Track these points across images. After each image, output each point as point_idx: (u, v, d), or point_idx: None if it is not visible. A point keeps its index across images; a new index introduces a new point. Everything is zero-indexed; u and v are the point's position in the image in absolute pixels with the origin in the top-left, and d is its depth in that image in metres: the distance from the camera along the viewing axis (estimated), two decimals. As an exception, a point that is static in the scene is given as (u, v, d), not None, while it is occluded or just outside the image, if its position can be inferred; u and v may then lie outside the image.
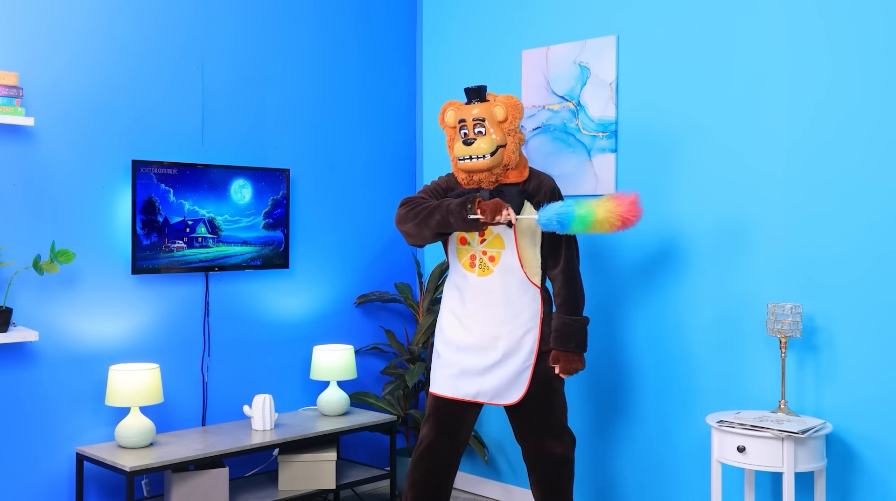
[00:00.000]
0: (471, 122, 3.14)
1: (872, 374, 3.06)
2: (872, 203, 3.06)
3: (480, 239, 3.19)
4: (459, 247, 3.24)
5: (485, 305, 3.17)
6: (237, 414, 3.89)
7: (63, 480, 3.37)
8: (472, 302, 3.20)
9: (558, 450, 3.19)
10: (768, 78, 3.31)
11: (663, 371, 3.62)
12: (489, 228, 3.13)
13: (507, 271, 3.16)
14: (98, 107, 3.46)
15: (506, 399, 3.16)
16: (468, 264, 3.21)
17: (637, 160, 3.70)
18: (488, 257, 3.18)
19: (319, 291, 4.22)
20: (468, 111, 3.16)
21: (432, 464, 3.23)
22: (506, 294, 3.15)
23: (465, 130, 3.15)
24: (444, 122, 3.26)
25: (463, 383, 3.18)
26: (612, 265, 3.79)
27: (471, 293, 3.20)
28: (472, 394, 3.17)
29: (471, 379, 3.17)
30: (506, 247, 3.15)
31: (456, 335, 3.22)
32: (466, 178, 3.18)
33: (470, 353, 3.18)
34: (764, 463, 2.91)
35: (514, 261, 3.15)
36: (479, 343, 3.17)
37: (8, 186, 3.24)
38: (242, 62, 3.92)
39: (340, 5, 4.31)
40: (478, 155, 3.11)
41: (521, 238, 3.15)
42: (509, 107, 3.14)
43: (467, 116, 3.15)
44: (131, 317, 3.57)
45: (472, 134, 3.13)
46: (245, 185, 3.83)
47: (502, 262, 3.16)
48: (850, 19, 3.11)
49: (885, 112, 3.03)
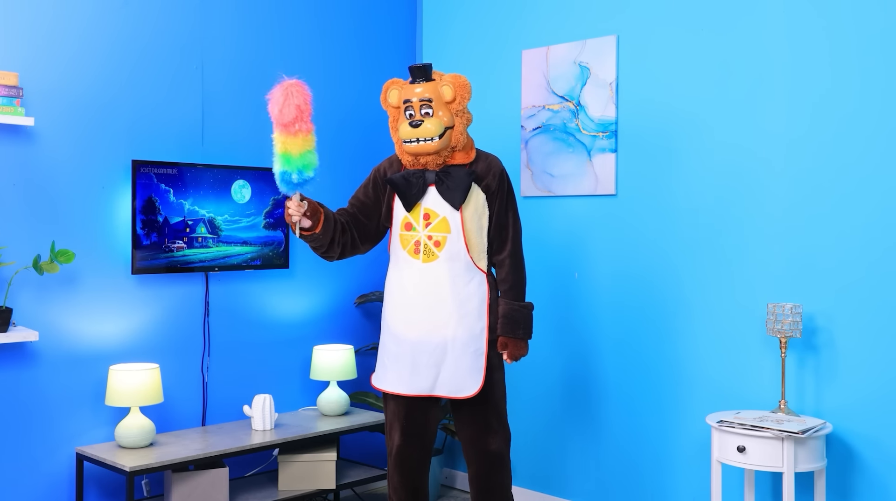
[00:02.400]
0: (417, 103, 2.98)
1: (872, 374, 3.06)
2: (873, 203, 3.06)
3: (425, 223, 3.02)
4: (404, 233, 3.07)
5: (431, 293, 3.00)
6: (237, 414, 3.89)
7: (63, 480, 3.37)
8: (417, 291, 3.02)
9: (493, 446, 3.04)
10: (768, 78, 3.31)
11: (663, 370, 3.62)
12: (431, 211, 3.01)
13: (454, 256, 2.99)
14: (98, 107, 3.47)
15: (464, 391, 2.98)
16: (413, 250, 3.03)
17: (637, 160, 3.70)
18: (434, 242, 3.02)
19: (319, 291, 4.22)
20: (413, 91, 2.99)
21: (406, 469, 3.10)
22: (453, 280, 2.99)
23: (410, 111, 2.99)
24: (387, 102, 3.08)
25: (417, 378, 3.00)
26: (612, 265, 3.79)
27: (416, 281, 3.02)
28: (426, 389, 3.00)
29: (425, 372, 3.00)
30: (451, 232, 2.99)
31: (403, 327, 3.04)
32: (412, 161, 3.02)
33: (420, 345, 3.00)
34: (764, 463, 2.91)
35: (461, 246, 2.99)
36: (429, 333, 2.99)
37: (8, 186, 3.24)
38: (242, 62, 3.92)
39: (340, 5, 4.31)
40: (425, 137, 2.95)
41: (468, 221, 3.00)
42: (457, 87, 2.99)
43: (412, 96, 2.98)
44: (131, 317, 3.57)
45: (419, 115, 2.97)
46: (245, 185, 3.83)
47: (448, 247, 2.99)
48: (849, 19, 3.11)
49: (884, 113, 3.03)
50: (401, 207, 3.07)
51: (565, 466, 3.94)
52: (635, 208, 3.71)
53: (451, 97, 2.99)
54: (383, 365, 3.11)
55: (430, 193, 3.03)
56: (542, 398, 4.04)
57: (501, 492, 3.08)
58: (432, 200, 3.02)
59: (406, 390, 3.02)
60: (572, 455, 3.93)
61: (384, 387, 3.08)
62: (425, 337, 3.00)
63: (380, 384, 3.10)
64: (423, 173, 3.03)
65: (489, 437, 3.04)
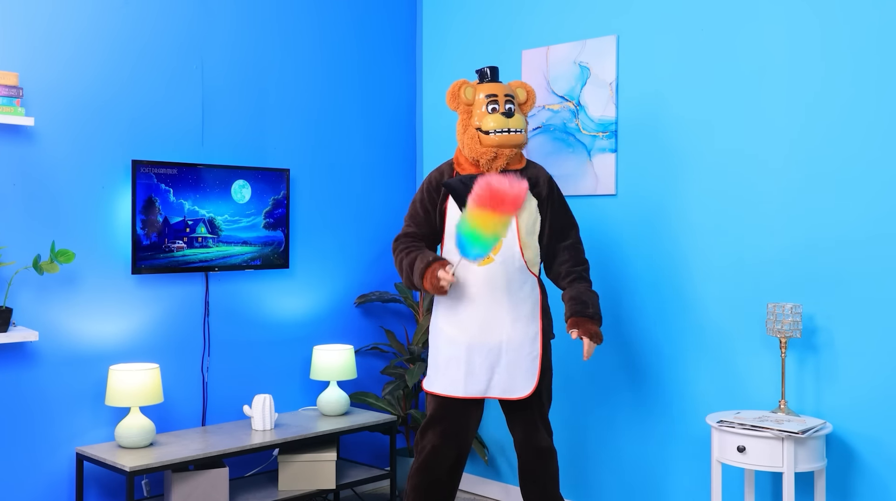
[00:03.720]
0: (503, 97, 3.08)
1: (872, 374, 3.06)
2: (872, 203, 3.06)
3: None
4: None
5: (486, 296, 3.06)
6: (237, 414, 3.89)
7: (63, 480, 3.37)
8: (473, 294, 3.08)
9: (544, 443, 3.16)
10: (768, 78, 3.31)
11: (663, 371, 3.62)
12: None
13: (509, 260, 3.06)
14: (98, 106, 3.47)
15: (518, 392, 3.06)
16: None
17: (637, 160, 3.70)
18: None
19: (319, 291, 4.22)
20: (498, 87, 3.10)
21: (438, 471, 3.13)
22: (508, 283, 3.06)
23: (495, 105, 3.06)
24: (461, 98, 3.13)
25: (472, 380, 3.07)
26: (613, 265, 3.79)
27: (471, 284, 3.08)
28: (481, 391, 3.08)
29: (480, 374, 3.07)
30: (507, 236, 3.05)
31: (457, 330, 3.10)
32: (492, 153, 3.06)
33: (475, 347, 3.07)
34: (764, 463, 2.91)
35: (516, 250, 3.06)
36: (484, 335, 3.06)
37: (8, 186, 3.24)
38: (242, 62, 3.92)
39: (340, 5, 4.31)
40: (516, 128, 3.05)
41: (523, 226, 3.07)
42: (530, 92, 3.18)
43: (497, 91, 3.09)
44: (131, 317, 3.57)
45: (504, 108, 3.07)
46: (245, 185, 3.83)
47: (503, 251, 3.06)
48: (846, 19, 3.11)
49: (884, 112, 3.03)
50: (455, 212, 3.10)
51: (565, 466, 3.94)
52: (635, 208, 3.71)
53: (524, 99, 3.15)
54: (436, 368, 3.15)
55: None
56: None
57: (554, 482, 3.20)
58: None
59: (462, 392, 3.07)
60: (572, 454, 3.93)
61: (438, 391, 3.12)
62: (480, 340, 3.07)
63: (433, 387, 3.14)
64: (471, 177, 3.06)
65: (538, 435, 3.15)
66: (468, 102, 3.12)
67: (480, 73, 3.17)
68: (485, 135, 3.05)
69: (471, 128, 3.10)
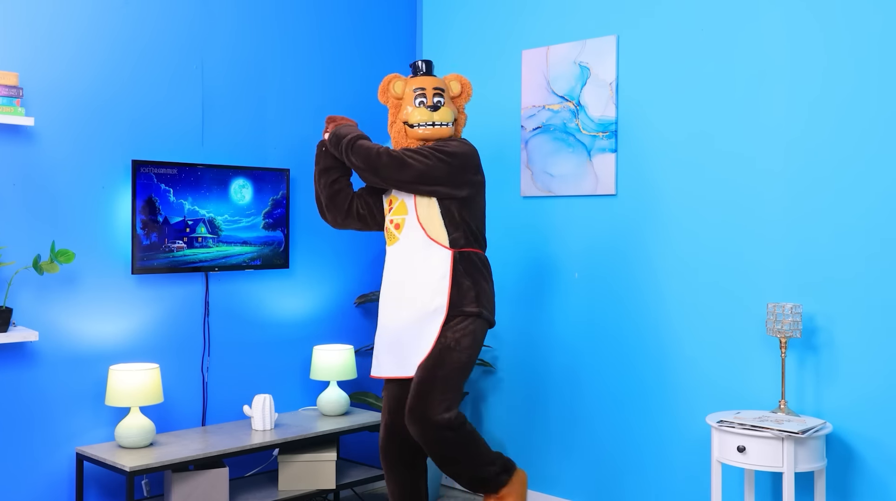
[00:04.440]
0: (431, 91, 3.12)
1: (872, 374, 3.06)
2: (872, 203, 3.06)
3: (389, 207, 3.21)
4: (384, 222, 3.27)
5: (396, 274, 3.16)
6: (237, 414, 3.89)
7: (63, 480, 3.37)
8: (389, 275, 3.19)
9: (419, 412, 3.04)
10: (768, 78, 3.31)
11: (663, 371, 3.62)
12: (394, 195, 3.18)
13: (411, 236, 3.13)
14: (98, 107, 3.47)
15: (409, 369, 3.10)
16: (386, 236, 3.24)
17: (637, 160, 3.70)
18: (394, 225, 3.18)
19: (319, 291, 4.22)
20: (427, 80, 3.16)
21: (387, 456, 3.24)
22: (410, 258, 3.13)
23: (422, 98, 3.12)
24: (389, 93, 3.19)
25: (384, 359, 3.17)
26: (612, 265, 3.79)
27: (388, 265, 3.21)
28: (392, 371, 3.14)
29: (389, 353, 3.15)
30: (408, 212, 3.14)
31: (380, 311, 3.22)
32: (417, 145, 3.15)
33: (387, 327, 3.16)
34: (764, 463, 2.91)
35: (416, 225, 3.11)
36: (393, 313, 3.14)
37: (8, 186, 3.24)
38: (242, 62, 3.92)
39: (340, 5, 4.31)
40: (442, 121, 3.11)
41: (420, 199, 3.11)
42: (464, 84, 3.23)
43: (427, 85, 3.14)
44: (131, 317, 3.57)
45: (432, 101, 3.12)
46: (245, 185, 3.83)
47: (406, 228, 3.14)
48: (845, 21, 3.11)
49: (883, 112, 3.03)
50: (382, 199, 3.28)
51: (565, 466, 3.94)
52: (635, 208, 3.71)
53: (458, 92, 3.20)
54: (376, 353, 3.26)
55: None
56: (542, 397, 4.04)
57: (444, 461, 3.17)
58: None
59: (386, 372, 3.17)
60: (572, 454, 3.93)
61: (372, 373, 3.24)
62: (393, 319, 3.15)
63: (375, 371, 3.24)
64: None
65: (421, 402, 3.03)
66: (397, 96, 3.17)
67: (413, 66, 3.20)
68: (411, 128, 3.13)
69: (398, 122, 3.18)
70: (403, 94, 3.16)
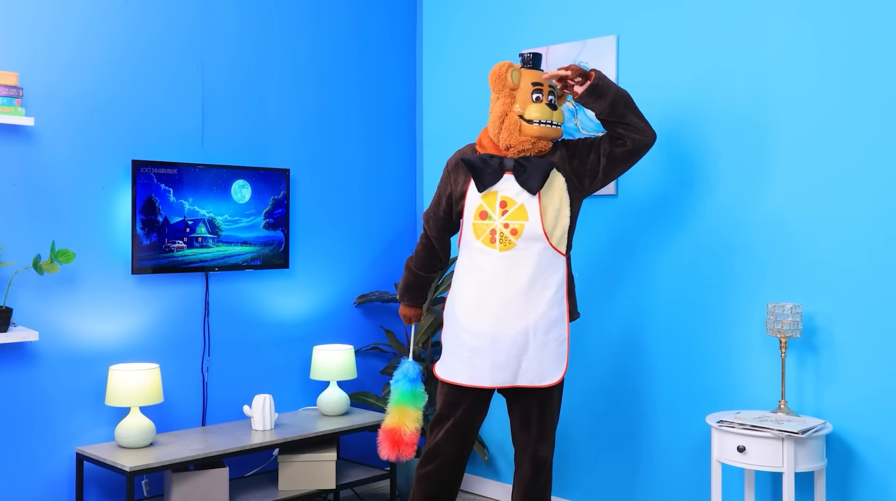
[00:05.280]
0: (547, 88, 3.02)
1: (872, 374, 3.06)
2: (872, 203, 3.06)
3: (502, 211, 2.97)
4: (478, 222, 3.02)
5: (510, 283, 2.95)
6: (237, 414, 3.89)
7: (63, 480, 3.37)
8: (494, 281, 2.97)
9: (542, 452, 3.05)
10: (767, 78, 3.31)
11: (663, 371, 3.62)
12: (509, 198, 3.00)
13: (531, 243, 2.96)
14: (98, 107, 3.47)
15: (547, 379, 2.96)
16: (488, 240, 2.99)
17: (637, 160, 3.70)
18: (510, 230, 2.98)
19: (319, 291, 4.22)
20: (541, 76, 3.03)
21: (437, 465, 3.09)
22: (531, 268, 2.95)
23: (539, 94, 2.99)
24: (508, 81, 3.01)
25: (498, 369, 2.95)
26: (612, 265, 3.79)
27: (490, 271, 2.98)
28: (509, 379, 2.97)
29: (506, 363, 2.96)
30: (529, 219, 2.96)
31: (480, 319, 2.98)
32: (531, 142, 3.00)
33: (501, 337, 2.95)
34: (764, 463, 2.91)
35: (539, 232, 2.95)
36: (510, 323, 2.95)
37: (8, 186, 3.24)
38: (242, 62, 3.92)
39: (340, 5, 4.31)
40: (559, 122, 3.01)
41: (547, 207, 2.96)
42: (563, 85, 3.07)
43: (543, 81, 3.03)
44: (131, 317, 3.57)
45: (547, 99, 3.01)
46: (245, 185, 3.83)
47: (525, 235, 2.96)
48: (845, 20, 3.11)
49: (883, 112, 3.03)
50: (474, 196, 3.03)
51: (565, 466, 3.94)
52: (635, 208, 3.71)
53: (561, 92, 3.08)
54: (458, 358, 3.03)
55: (506, 180, 3.00)
56: (542, 398, 4.04)
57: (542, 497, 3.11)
58: (510, 188, 2.99)
59: (489, 382, 2.97)
60: (572, 454, 3.93)
61: (462, 381, 3.01)
62: (506, 329, 2.95)
63: (455, 377, 3.02)
64: (501, 159, 3.01)
65: (539, 444, 3.05)
66: (513, 86, 3.02)
67: (524, 58, 3.06)
68: (527, 123, 2.98)
69: (513, 114, 3.00)
70: (520, 86, 3.02)
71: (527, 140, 2.99)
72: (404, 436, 3.13)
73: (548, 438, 3.07)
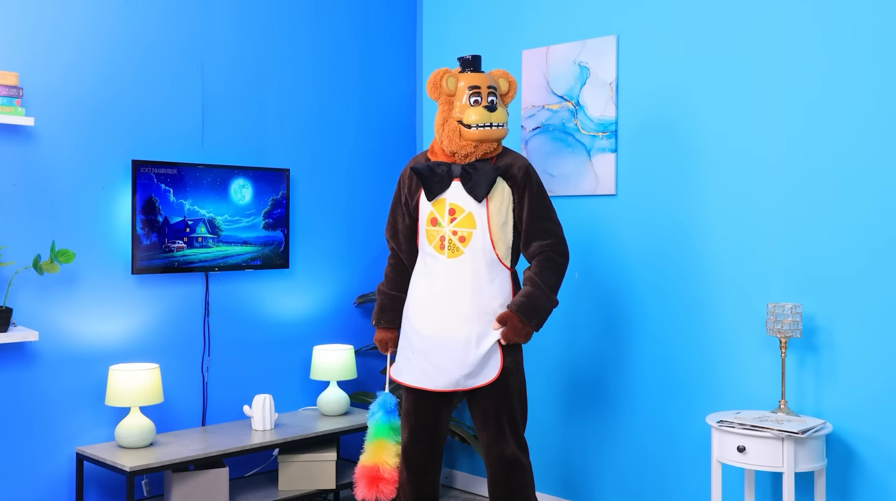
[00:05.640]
0: (486, 90, 3.00)
1: (872, 374, 3.06)
2: (872, 203, 3.06)
3: (451, 218, 3.01)
4: (430, 228, 3.06)
5: (455, 289, 2.99)
6: (237, 414, 3.89)
7: (63, 480, 3.37)
8: (441, 287, 3.01)
9: (509, 452, 3.02)
10: (768, 78, 3.31)
11: (663, 371, 3.62)
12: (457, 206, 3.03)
13: (479, 252, 2.99)
14: (98, 107, 3.47)
15: (481, 379, 2.98)
16: (438, 246, 3.03)
17: (637, 160, 3.70)
18: (458, 237, 3.00)
19: (319, 291, 4.22)
20: (480, 78, 3.02)
21: (412, 468, 3.12)
22: (476, 276, 2.99)
23: (477, 97, 2.99)
24: (443, 88, 3.03)
25: (439, 374, 2.99)
26: (612, 265, 3.79)
27: (441, 277, 3.01)
28: (450, 384, 2.99)
29: (448, 368, 2.98)
30: (477, 227, 2.99)
31: (427, 323, 3.03)
32: (472, 147, 3.00)
33: (444, 341, 2.99)
34: (764, 463, 2.91)
35: (486, 242, 2.99)
36: (453, 329, 2.98)
37: (8, 186, 3.24)
38: (242, 62, 3.92)
39: (341, 5, 4.31)
40: (498, 122, 2.99)
41: (493, 216, 2.99)
42: (511, 83, 3.12)
43: (480, 83, 3.01)
44: (131, 317, 3.57)
45: (486, 101, 3.00)
46: (245, 185, 3.83)
47: (473, 243, 2.99)
48: (845, 19, 3.11)
49: (883, 112, 3.03)
50: (426, 203, 3.07)
51: (565, 466, 3.94)
52: (635, 208, 3.71)
53: (506, 90, 3.09)
54: (406, 359, 3.10)
55: (455, 188, 3.03)
56: (542, 397, 4.04)
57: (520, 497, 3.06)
58: (458, 195, 3.02)
59: (430, 385, 3.02)
60: (572, 454, 3.93)
61: (406, 381, 3.08)
62: (450, 334, 2.99)
63: (401, 378, 3.10)
64: (448, 166, 3.03)
65: (502, 442, 3.02)
66: (450, 93, 3.03)
67: (463, 61, 3.07)
68: (466, 128, 2.99)
69: (451, 120, 3.02)
70: (456, 91, 3.02)
71: (468, 144, 3.01)
72: (384, 473, 3.12)
73: (510, 437, 3.03)
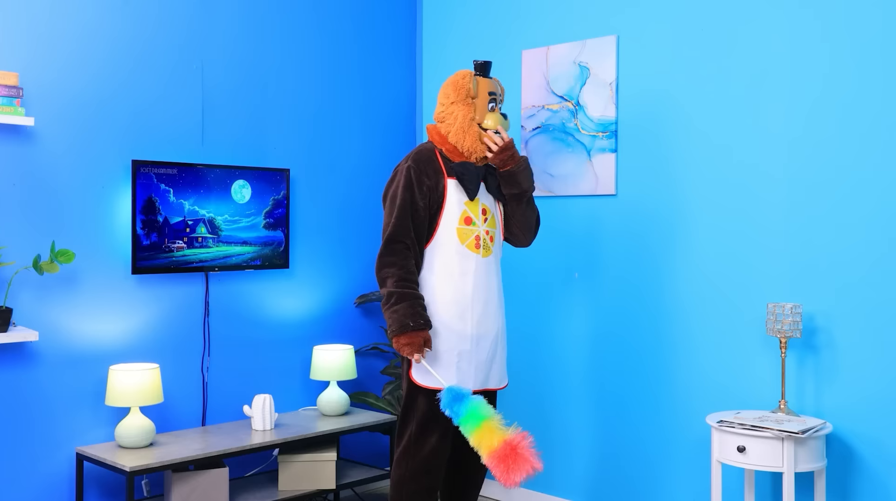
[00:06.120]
0: (501, 99, 3.12)
1: (872, 374, 3.06)
2: (872, 203, 3.06)
3: (483, 217, 3.07)
4: (463, 227, 3.02)
5: (487, 287, 3.06)
6: (237, 414, 3.89)
7: (63, 480, 3.37)
8: (478, 286, 3.02)
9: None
10: (768, 78, 3.31)
11: (663, 370, 3.62)
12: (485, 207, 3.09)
13: (498, 250, 3.16)
14: (98, 106, 3.47)
15: (504, 381, 3.19)
16: (473, 245, 3.03)
17: (637, 160, 3.70)
18: (489, 237, 3.09)
19: (319, 291, 4.22)
20: (496, 86, 3.12)
21: (438, 472, 3.03)
22: (497, 273, 3.15)
23: (495, 104, 3.09)
24: (468, 89, 3.05)
25: (480, 373, 3.04)
26: (612, 265, 3.79)
27: (476, 274, 3.02)
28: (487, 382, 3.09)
29: (485, 366, 3.05)
30: (497, 227, 3.15)
31: (469, 323, 2.99)
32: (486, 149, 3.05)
33: (484, 340, 3.03)
34: (764, 463, 2.91)
35: (501, 241, 3.18)
36: (489, 327, 3.05)
37: (8, 186, 3.24)
38: (242, 62, 3.92)
39: (341, 5, 4.31)
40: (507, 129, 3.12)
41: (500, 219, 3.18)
42: (502, 91, 3.19)
43: (497, 90, 3.11)
44: (131, 317, 3.57)
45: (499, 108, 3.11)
46: (245, 185, 3.83)
47: (496, 242, 3.14)
48: (846, 20, 3.11)
49: (883, 113, 3.03)
50: (455, 201, 3.03)
51: (565, 465, 3.94)
52: (635, 208, 3.71)
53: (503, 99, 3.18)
54: (449, 364, 2.97)
55: (482, 189, 3.12)
56: (542, 397, 4.04)
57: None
58: (484, 196, 3.13)
59: (477, 385, 3.03)
60: (572, 454, 3.93)
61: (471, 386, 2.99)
62: (486, 332, 3.06)
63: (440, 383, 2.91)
64: (477, 167, 3.08)
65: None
66: (473, 95, 3.07)
67: (481, 66, 3.10)
68: (484, 132, 3.06)
69: (473, 122, 3.05)
70: (478, 94, 3.07)
71: (485, 148, 3.08)
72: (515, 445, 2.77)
73: None
